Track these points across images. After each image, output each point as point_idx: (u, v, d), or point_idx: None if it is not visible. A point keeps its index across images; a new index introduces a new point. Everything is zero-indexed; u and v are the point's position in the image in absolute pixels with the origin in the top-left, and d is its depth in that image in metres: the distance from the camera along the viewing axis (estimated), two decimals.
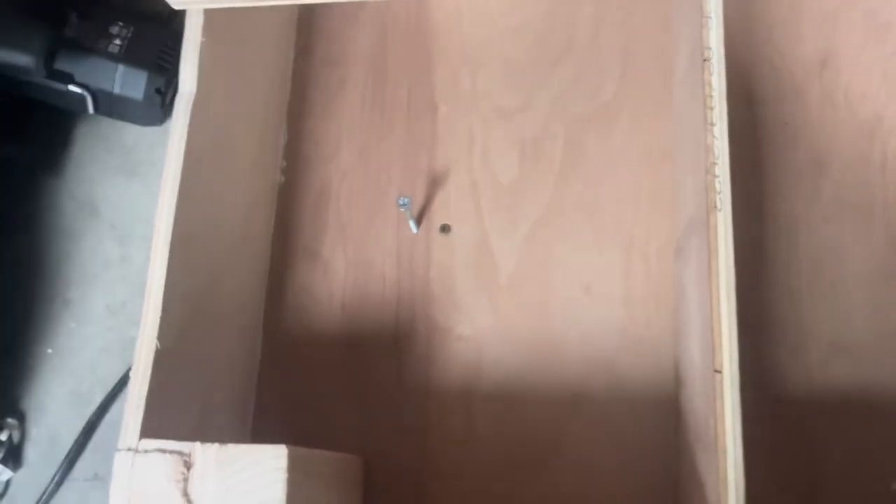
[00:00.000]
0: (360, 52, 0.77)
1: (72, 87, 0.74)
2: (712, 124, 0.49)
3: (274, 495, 0.47)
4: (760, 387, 0.63)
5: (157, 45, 0.75)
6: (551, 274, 0.69)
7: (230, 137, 0.65)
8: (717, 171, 0.47)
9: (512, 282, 0.69)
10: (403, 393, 0.68)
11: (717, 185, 0.48)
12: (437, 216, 0.72)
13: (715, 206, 0.48)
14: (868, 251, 0.65)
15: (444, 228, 0.72)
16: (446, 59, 0.76)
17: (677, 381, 0.62)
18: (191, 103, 0.58)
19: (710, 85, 0.50)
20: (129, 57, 0.74)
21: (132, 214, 0.78)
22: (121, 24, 0.75)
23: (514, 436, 0.65)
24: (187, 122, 0.57)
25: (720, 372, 0.46)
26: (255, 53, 0.71)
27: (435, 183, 0.73)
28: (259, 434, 0.68)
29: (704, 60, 0.51)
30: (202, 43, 0.59)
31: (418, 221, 0.72)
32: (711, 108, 0.49)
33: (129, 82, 0.75)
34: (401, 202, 0.66)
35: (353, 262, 0.72)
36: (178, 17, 0.60)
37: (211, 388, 0.62)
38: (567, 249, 0.69)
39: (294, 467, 0.48)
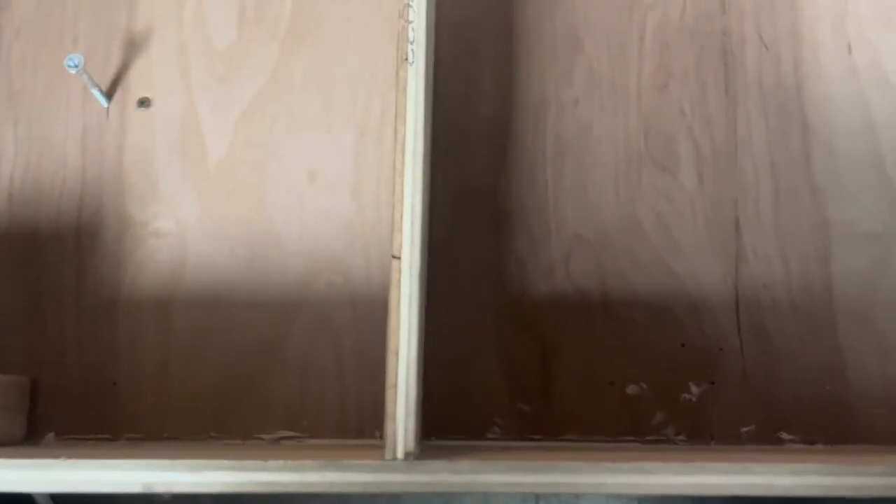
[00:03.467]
0: None
1: None
2: None
3: None
4: (498, 284, 0.57)
5: None
6: (271, 158, 0.58)
7: None
8: (412, 14, 0.38)
9: (224, 167, 0.58)
10: (86, 300, 0.56)
11: (411, 34, 0.38)
12: (134, 87, 0.59)
13: (406, 59, 0.38)
14: (618, 136, 0.59)
15: (143, 102, 0.59)
16: None
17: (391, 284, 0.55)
18: None
19: None
20: None
21: None
22: None
23: (221, 346, 0.56)
24: None
25: (398, 257, 0.37)
26: None
27: (133, 46, 0.60)
28: None
29: None
30: None
31: (109, 93, 0.59)
32: None
33: None
34: (70, 63, 0.53)
35: (26, 140, 0.58)
36: None
37: None
38: (291, 130, 0.59)
39: None
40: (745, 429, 0.53)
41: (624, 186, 0.58)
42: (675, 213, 0.57)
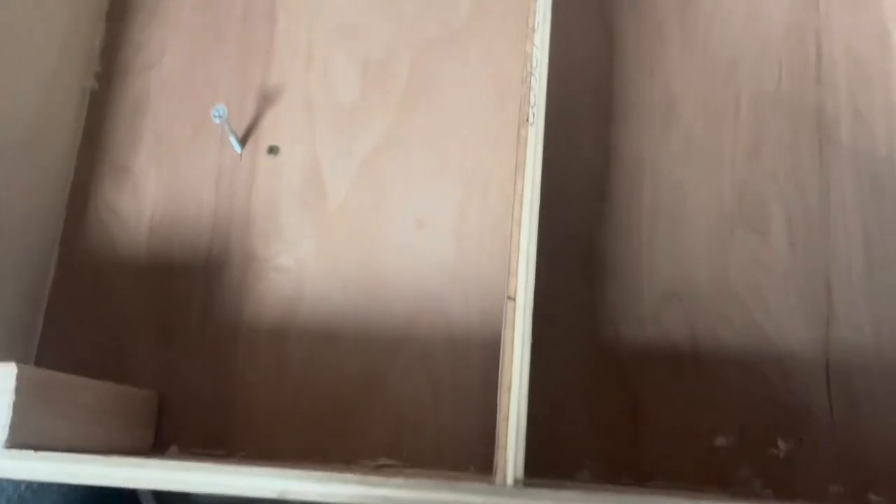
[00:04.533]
0: None
1: None
2: (533, 30, 0.44)
3: None
4: (591, 334, 0.59)
5: None
6: (384, 205, 0.63)
7: (12, 31, 0.56)
8: (533, 82, 0.43)
9: (341, 211, 0.63)
10: (211, 326, 0.61)
11: (532, 98, 0.43)
12: (265, 136, 0.65)
13: (527, 120, 0.43)
14: (712, 199, 0.62)
15: (272, 150, 0.65)
16: None
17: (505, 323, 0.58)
18: None
19: None
20: None
21: None
22: None
23: (330, 376, 0.60)
24: None
25: (513, 299, 0.41)
26: None
27: (266, 100, 0.66)
28: (43, 364, 0.60)
29: None
30: None
31: (243, 141, 0.65)
32: (534, 13, 0.44)
33: None
34: (215, 113, 0.60)
35: (167, 181, 0.65)
36: None
37: None
38: (403, 180, 0.64)
39: (28, 390, 0.42)
40: (832, 488, 0.54)
41: (716, 247, 0.61)
42: (766, 276, 0.59)
